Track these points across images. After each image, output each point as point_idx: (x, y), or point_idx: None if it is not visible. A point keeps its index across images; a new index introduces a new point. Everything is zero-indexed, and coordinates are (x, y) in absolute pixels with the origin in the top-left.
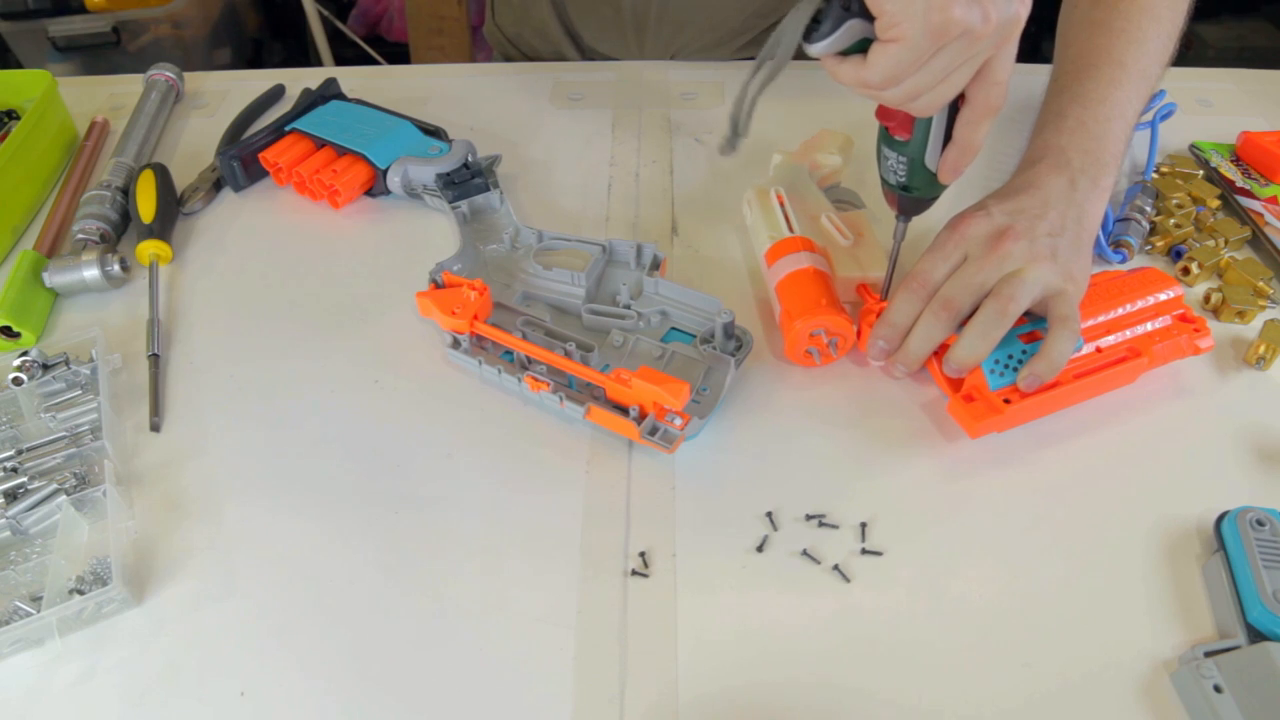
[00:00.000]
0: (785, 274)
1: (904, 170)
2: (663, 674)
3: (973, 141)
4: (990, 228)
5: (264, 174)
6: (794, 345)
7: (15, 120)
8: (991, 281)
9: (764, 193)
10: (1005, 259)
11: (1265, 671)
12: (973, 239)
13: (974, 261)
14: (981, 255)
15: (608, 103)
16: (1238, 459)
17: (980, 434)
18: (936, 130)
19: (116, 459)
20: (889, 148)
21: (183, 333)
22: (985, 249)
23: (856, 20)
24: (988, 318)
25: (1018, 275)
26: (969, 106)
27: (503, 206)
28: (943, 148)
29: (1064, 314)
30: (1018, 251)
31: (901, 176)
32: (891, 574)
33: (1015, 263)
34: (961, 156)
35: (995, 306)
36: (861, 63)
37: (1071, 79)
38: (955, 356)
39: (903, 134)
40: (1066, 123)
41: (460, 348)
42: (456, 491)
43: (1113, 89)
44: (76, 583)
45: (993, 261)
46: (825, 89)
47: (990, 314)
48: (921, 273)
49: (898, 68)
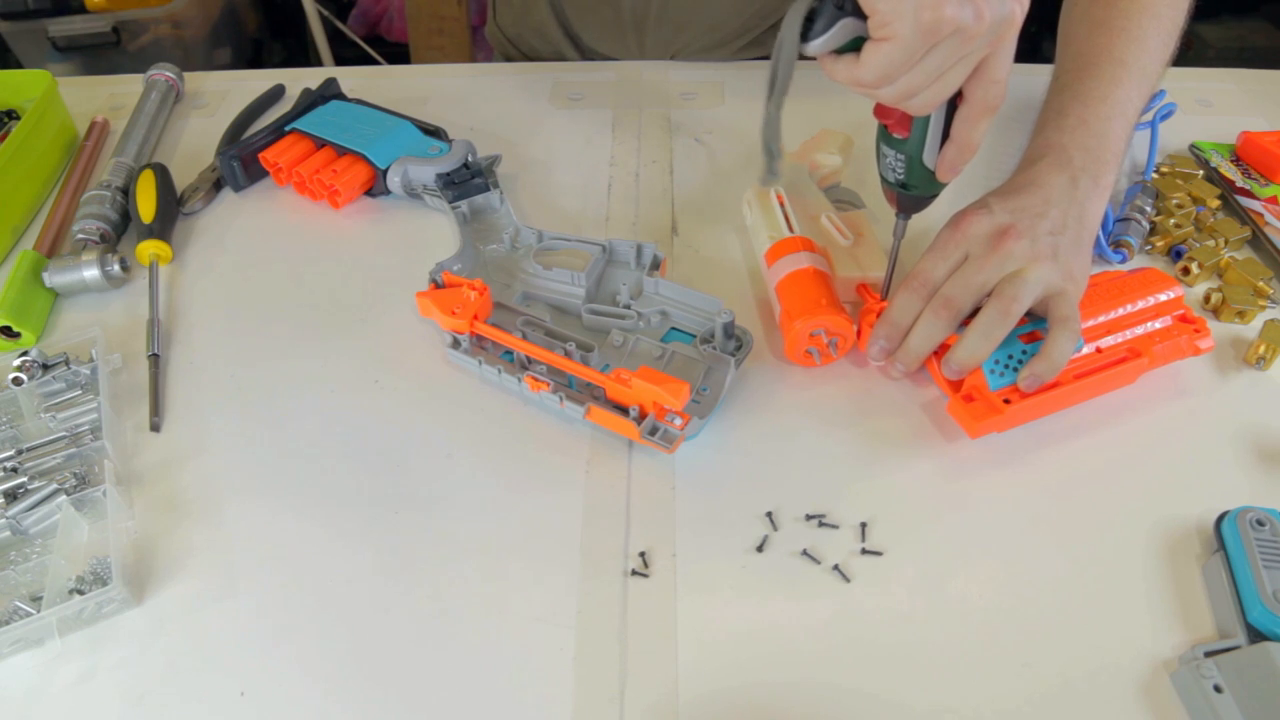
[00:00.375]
0: (785, 274)
1: (902, 168)
2: (663, 674)
3: (971, 140)
4: (991, 226)
5: (264, 174)
6: (794, 345)
7: (15, 120)
8: (993, 281)
9: (764, 193)
10: (1007, 258)
11: (1265, 671)
12: (974, 237)
13: (975, 261)
14: (983, 254)
15: (608, 103)
16: (1238, 459)
17: (980, 434)
18: (934, 128)
19: (116, 459)
20: (887, 145)
21: (183, 333)
22: (987, 248)
23: (850, 19)
24: (989, 319)
25: (1019, 276)
26: (966, 105)
27: (503, 206)
28: (941, 146)
29: (1064, 314)
30: (1019, 250)
31: (900, 174)
32: (891, 574)
33: (1017, 262)
34: (960, 155)
35: (997, 307)
36: (856, 61)
37: (1072, 77)
38: (956, 358)
39: (901, 132)
40: (1067, 121)
41: (460, 348)
42: (456, 491)
43: (1114, 87)
44: (76, 583)
45: (994, 261)
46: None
47: (992, 315)
48: (922, 271)
49: (890, 66)
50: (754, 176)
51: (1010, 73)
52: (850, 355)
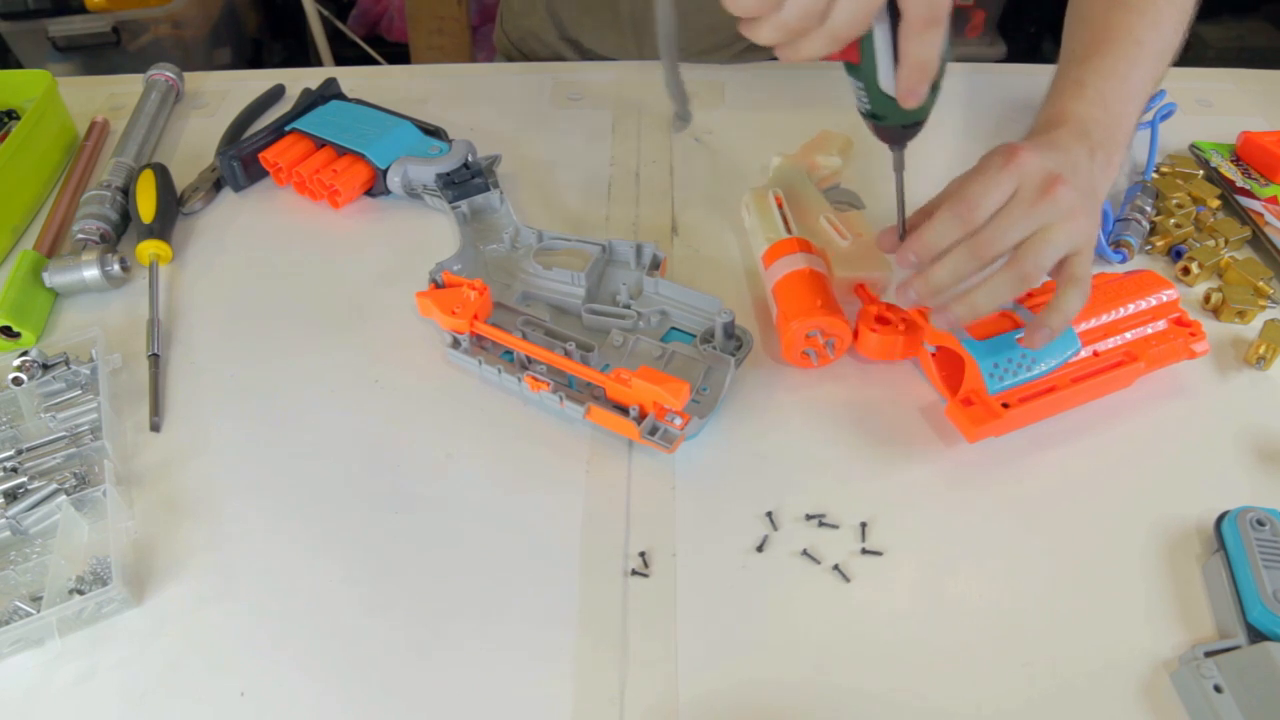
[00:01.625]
0: (782, 275)
1: (866, 97)
2: (663, 674)
3: (921, 57)
4: (1045, 166)
5: (264, 174)
6: (790, 346)
7: (15, 120)
8: (1034, 228)
9: (762, 195)
10: (1054, 205)
11: (1265, 671)
12: (1029, 173)
13: (1024, 203)
14: (1034, 196)
15: (608, 103)
16: (1238, 459)
17: (978, 438)
18: (880, 49)
19: (116, 459)
20: (848, 74)
21: (183, 333)
22: (1039, 189)
23: None
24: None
25: (1046, 239)
26: (904, 19)
27: (503, 206)
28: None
29: (1080, 274)
30: (1066, 200)
31: (866, 104)
32: (891, 574)
33: (1062, 212)
34: (913, 74)
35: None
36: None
37: (1090, 50)
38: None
39: (852, 58)
40: (1086, 93)
41: (460, 348)
42: (456, 491)
43: (1132, 68)
44: (76, 583)
45: (1044, 205)
46: (825, 93)
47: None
48: (971, 196)
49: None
50: (754, 178)
51: None
52: (851, 356)
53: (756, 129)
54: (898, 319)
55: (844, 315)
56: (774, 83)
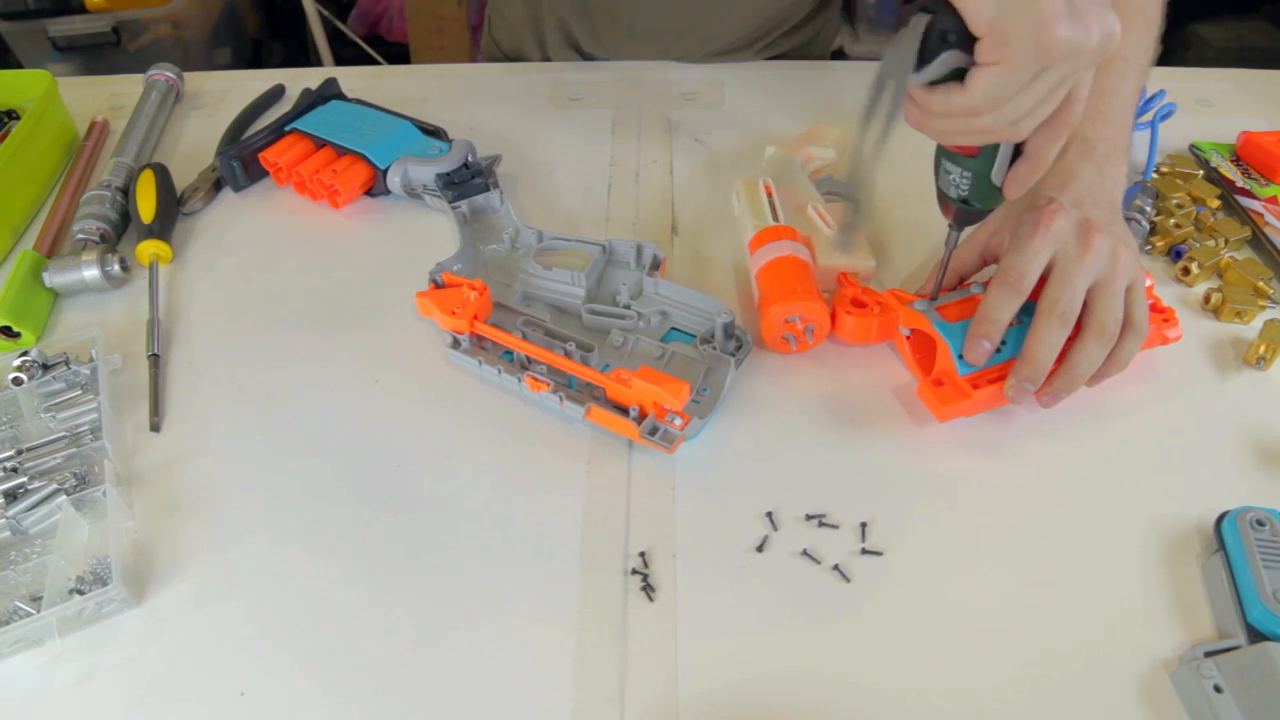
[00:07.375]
0: (765, 261)
1: (968, 185)
2: (663, 674)
3: (1047, 158)
4: (1074, 222)
5: (264, 174)
6: (770, 331)
7: (15, 120)
8: (1092, 280)
9: (751, 184)
10: (1099, 254)
11: (1265, 671)
12: (1061, 234)
13: (1072, 262)
14: (1077, 254)
15: (608, 103)
16: (1238, 459)
17: (948, 418)
18: (1006, 146)
19: (116, 459)
20: (951, 162)
21: (183, 333)
22: (1079, 246)
23: (954, 51)
24: (1090, 348)
25: (1109, 289)
26: (1048, 123)
27: (503, 206)
28: (1010, 163)
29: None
30: (1106, 247)
31: (964, 191)
32: (892, 574)
33: (1106, 257)
34: (1032, 171)
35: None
36: (953, 90)
37: None
38: (1058, 388)
39: (969, 151)
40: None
41: (460, 348)
42: (456, 492)
43: (1121, 83)
44: (76, 583)
45: (1089, 260)
46: (826, 93)
47: (1093, 343)
48: (1015, 267)
49: (999, 91)
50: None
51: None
52: (851, 356)
53: (757, 129)
54: (873, 302)
55: (824, 301)
56: (774, 83)
